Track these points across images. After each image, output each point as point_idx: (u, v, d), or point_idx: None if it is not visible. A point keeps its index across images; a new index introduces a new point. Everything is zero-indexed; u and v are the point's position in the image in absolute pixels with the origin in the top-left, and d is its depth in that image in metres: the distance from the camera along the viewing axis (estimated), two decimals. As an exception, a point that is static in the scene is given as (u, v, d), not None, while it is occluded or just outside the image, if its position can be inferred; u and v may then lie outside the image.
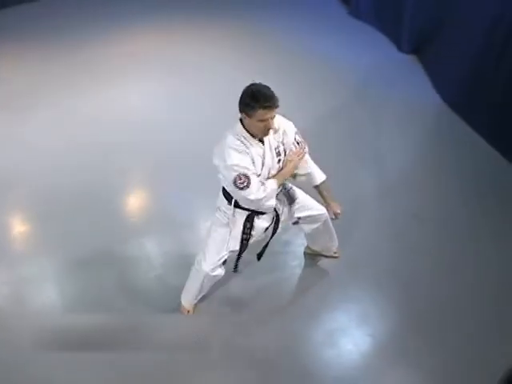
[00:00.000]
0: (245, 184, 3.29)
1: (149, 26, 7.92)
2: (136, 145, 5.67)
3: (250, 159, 3.33)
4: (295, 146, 3.52)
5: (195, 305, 4.10)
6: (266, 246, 3.93)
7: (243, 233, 3.64)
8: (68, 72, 6.94)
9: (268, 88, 3.22)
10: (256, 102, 3.16)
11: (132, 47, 7.44)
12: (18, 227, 4.94)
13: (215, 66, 6.99)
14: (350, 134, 5.85)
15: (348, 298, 4.24)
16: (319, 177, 3.80)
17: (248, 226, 3.62)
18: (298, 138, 3.54)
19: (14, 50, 7.49)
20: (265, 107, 3.16)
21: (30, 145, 5.74)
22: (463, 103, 5.98)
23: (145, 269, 4.45)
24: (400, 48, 7.23)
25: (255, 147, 3.35)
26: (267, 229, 3.77)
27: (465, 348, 3.89)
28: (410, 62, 7.07)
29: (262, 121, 3.22)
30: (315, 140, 5.60)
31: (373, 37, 7.61)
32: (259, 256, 3.97)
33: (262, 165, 3.41)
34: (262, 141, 3.37)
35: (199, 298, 4.03)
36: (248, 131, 3.32)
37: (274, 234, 3.83)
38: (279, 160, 3.45)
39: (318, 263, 4.47)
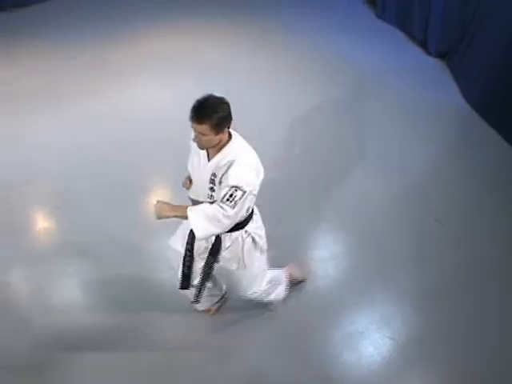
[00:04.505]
0: None
1: (168, 26, 8.04)
2: (156, 144, 5.70)
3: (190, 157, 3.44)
4: (225, 196, 3.14)
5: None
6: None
7: (187, 242, 3.55)
8: (87, 70, 7.08)
9: (207, 101, 3.08)
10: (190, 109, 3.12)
11: (149, 47, 7.54)
12: (39, 224, 5.04)
13: (236, 65, 7.08)
14: (373, 136, 5.86)
15: (369, 300, 4.24)
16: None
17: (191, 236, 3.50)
18: (231, 191, 3.12)
19: (31, 48, 7.65)
20: (190, 116, 3.09)
21: (48, 142, 5.87)
22: (489, 106, 5.95)
23: (160, 269, 4.43)
24: (427, 51, 7.20)
25: (200, 156, 3.33)
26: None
27: (485, 355, 3.87)
28: (436, 65, 7.03)
29: (192, 129, 3.14)
30: (339, 141, 5.77)
31: (399, 40, 7.58)
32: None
33: (192, 176, 3.45)
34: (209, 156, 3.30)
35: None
36: None
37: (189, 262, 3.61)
38: (211, 188, 3.30)
39: (340, 264, 4.49)
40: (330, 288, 4.33)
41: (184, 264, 3.57)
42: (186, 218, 3.21)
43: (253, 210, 3.53)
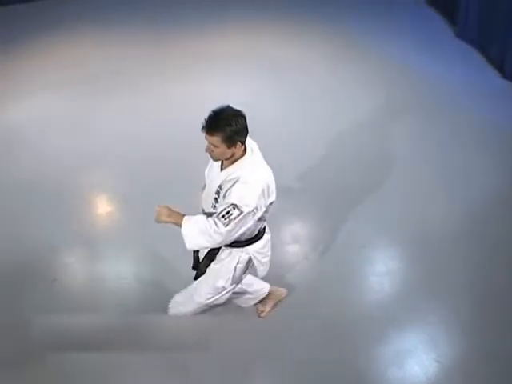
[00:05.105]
0: None
1: (241, 25, 8.18)
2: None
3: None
4: (222, 212, 3.15)
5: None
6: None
7: None
8: (162, 61, 7.29)
9: (222, 112, 3.06)
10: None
11: (219, 45, 7.67)
12: (100, 208, 5.26)
13: (303, 66, 7.15)
14: (439, 156, 5.79)
15: (420, 319, 4.22)
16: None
17: None
18: (229, 209, 3.12)
19: (116, 33, 7.99)
20: (202, 126, 3.08)
21: (117, 127, 6.07)
22: None
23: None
24: (503, 74, 7.08)
25: (214, 167, 3.37)
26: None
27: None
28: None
29: (206, 139, 3.12)
30: (402, 158, 5.74)
31: (477, 61, 7.43)
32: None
33: (205, 184, 3.50)
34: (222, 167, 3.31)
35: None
36: None
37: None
38: (215, 198, 3.31)
39: (395, 279, 4.51)
40: (383, 303, 4.33)
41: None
42: (180, 225, 3.22)
43: (262, 234, 3.50)
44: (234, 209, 3.08)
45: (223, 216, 3.09)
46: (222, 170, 3.27)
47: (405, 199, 5.24)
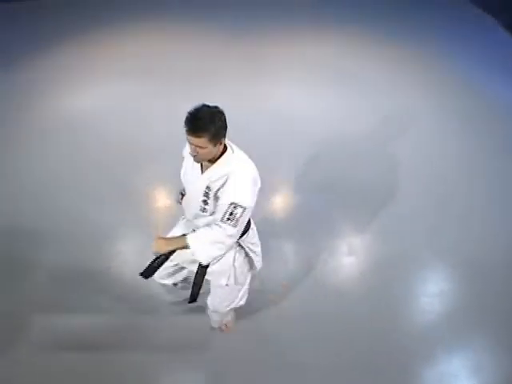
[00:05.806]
0: None
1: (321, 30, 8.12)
2: (282, 146, 5.86)
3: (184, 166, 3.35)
4: (225, 215, 3.08)
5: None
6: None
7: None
8: (227, 61, 7.32)
9: (202, 111, 2.94)
10: (184, 122, 2.98)
11: (298, 49, 7.68)
12: (159, 202, 5.31)
13: (375, 79, 7.10)
14: (501, 185, 5.67)
15: (467, 345, 4.23)
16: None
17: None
18: (231, 209, 3.06)
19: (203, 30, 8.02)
20: (185, 129, 2.95)
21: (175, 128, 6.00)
22: None
23: None
24: None
25: (193, 167, 3.23)
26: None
27: None
28: None
29: (189, 142, 3.00)
30: (463, 186, 5.61)
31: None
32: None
33: (181, 191, 3.46)
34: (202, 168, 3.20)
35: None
36: None
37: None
38: (204, 201, 3.19)
39: (447, 301, 4.50)
40: (433, 323, 4.34)
41: (156, 259, 3.35)
42: (185, 247, 3.14)
43: (249, 224, 3.47)
44: (235, 208, 3.03)
45: (228, 218, 3.05)
46: (202, 171, 3.18)
47: (460, 219, 5.21)
